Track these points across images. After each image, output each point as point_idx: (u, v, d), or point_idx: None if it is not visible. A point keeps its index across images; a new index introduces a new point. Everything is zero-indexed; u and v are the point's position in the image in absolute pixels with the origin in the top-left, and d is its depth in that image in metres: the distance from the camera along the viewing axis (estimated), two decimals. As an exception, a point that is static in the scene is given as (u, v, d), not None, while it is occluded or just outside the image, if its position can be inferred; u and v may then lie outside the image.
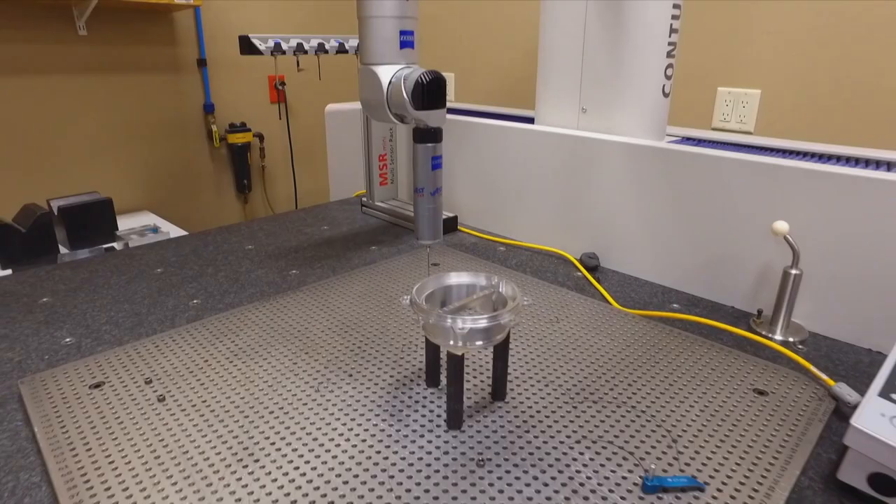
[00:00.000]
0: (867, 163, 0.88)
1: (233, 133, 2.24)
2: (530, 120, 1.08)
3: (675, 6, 0.91)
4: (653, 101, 0.95)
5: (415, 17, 0.47)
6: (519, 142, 1.04)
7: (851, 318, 0.71)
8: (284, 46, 0.95)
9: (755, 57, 1.42)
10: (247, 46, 0.95)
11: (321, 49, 0.94)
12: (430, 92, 0.46)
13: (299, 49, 0.95)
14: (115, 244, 1.67)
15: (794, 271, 0.71)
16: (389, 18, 0.46)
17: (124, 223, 1.83)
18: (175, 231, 1.82)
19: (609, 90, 0.95)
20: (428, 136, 0.48)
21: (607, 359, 0.64)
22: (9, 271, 1.49)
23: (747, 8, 1.40)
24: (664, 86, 0.95)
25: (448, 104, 1.22)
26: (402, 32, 0.47)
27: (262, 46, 0.93)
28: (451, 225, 1.14)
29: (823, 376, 0.61)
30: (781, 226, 0.70)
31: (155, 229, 1.73)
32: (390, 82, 0.48)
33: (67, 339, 0.71)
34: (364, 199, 1.26)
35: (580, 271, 0.93)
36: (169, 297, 0.83)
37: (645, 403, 0.56)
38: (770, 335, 0.73)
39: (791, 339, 0.72)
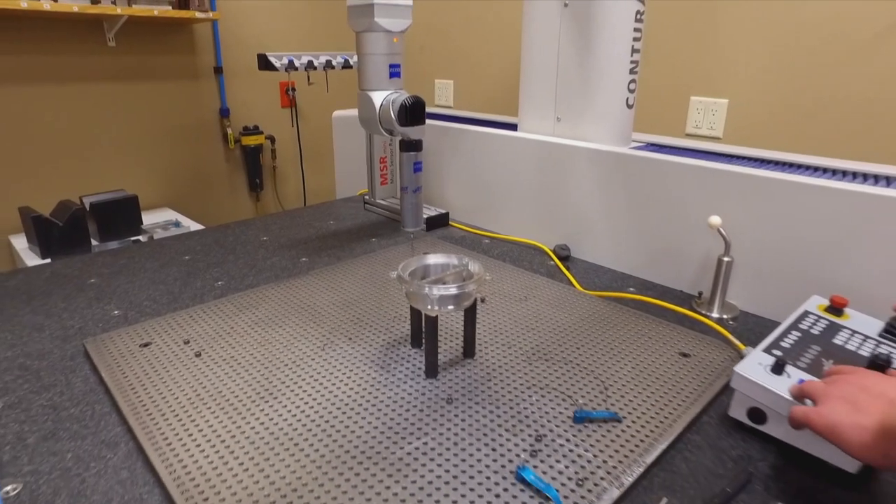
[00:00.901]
0: (801, 167, 1.00)
1: (246, 135, 2.37)
2: (515, 126, 1.20)
3: (636, 30, 1.02)
4: (617, 112, 1.07)
5: (401, 53, 0.59)
6: (503, 147, 1.16)
7: (772, 299, 0.83)
8: (297, 63, 1.07)
9: (723, 69, 1.54)
10: (264, 63, 1.08)
11: (329, 65, 1.07)
12: (412, 112, 0.59)
13: (309, 65, 1.07)
14: (140, 237, 1.80)
15: (726, 259, 0.83)
16: (382, 55, 0.58)
17: (148, 218, 1.96)
18: (194, 226, 1.96)
19: (579, 102, 1.07)
20: (411, 146, 0.61)
21: (563, 329, 0.76)
22: (48, 260, 1.63)
23: (716, 23, 1.52)
24: (627, 98, 1.07)
25: (444, 111, 1.35)
26: (391, 66, 0.59)
27: (277, 63, 1.06)
28: (442, 220, 1.26)
29: (737, 342, 0.73)
30: (715, 220, 0.82)
31: (177, 223, 1.86)
32: (381, 105, 0.61)
33: (115, 312, 0.84)
34: (366, 196, 1.39)
35: (553, 260, 1.06)
36: (197, 279, 0.96)
37: (588, 362, 0.68)
38: (708, 313, 0.85)
39: (725, 317, 0.84)
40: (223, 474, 0.49)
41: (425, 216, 1.22)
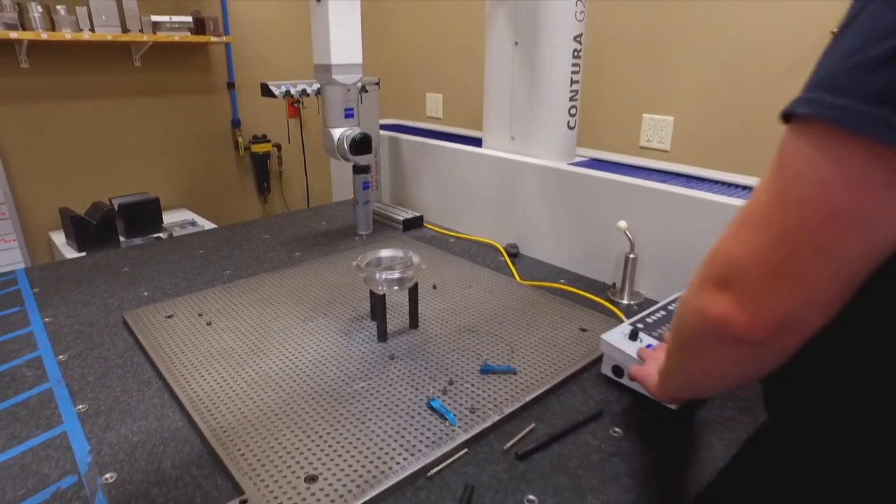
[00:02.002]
0: (704, 181, 1.17)
1: (255, 144, 2.58)
2: (481, 141, 1.39)
3: (574, 65, 1.20)
4: (560, 132, 1.25)
5: (354, 99, 0.78)
6: (468, 161, 1.35)
7: (670, 288, 1.01)
8: (293, 91, 1.27)
9: (670, 90, 1.72)
10: (265, 91, 1.27)
11: (319, 92, 1.26)
12: (360, 145, 0.78)
13: (303, 93, 1.27)
14: (161, 234, 2.01)
15: (631, 255, 1.02)
16: (339, 102, 0.77)
17: (168, 217, 2.17)
18: (208, 225, 2.16)
19: (529, 124, 1.26)
20: (361, 170, 0.80)
21: (493, 310, 0.95)
22: (83, 254, 1.84)
23: (665, 50, 1.70)
24: (569, 121, 1.25)
25: (428, 125, 1.56)
26: (346, 109, 0.78)
27: (276, 91, 1.26)
28: (417, 222, 1.46)
29: (627, 321, 0.91)
30: (621, 224, 1.00)
31: (193, 223, 2.07)
32: (338, 138, 0.80)
33: (145, 293, 1.04)
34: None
35: (503, 256, 1.25)
36: (209, 268, 1.16)
37: (504, 333, 0.87)
38: (619, 300, 1.04)
39: (632, 303, 1.03)
40: (225, 402, 0.69)
41: (402, 219, 1.42)
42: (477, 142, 1.42)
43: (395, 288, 0.80)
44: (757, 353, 0.37)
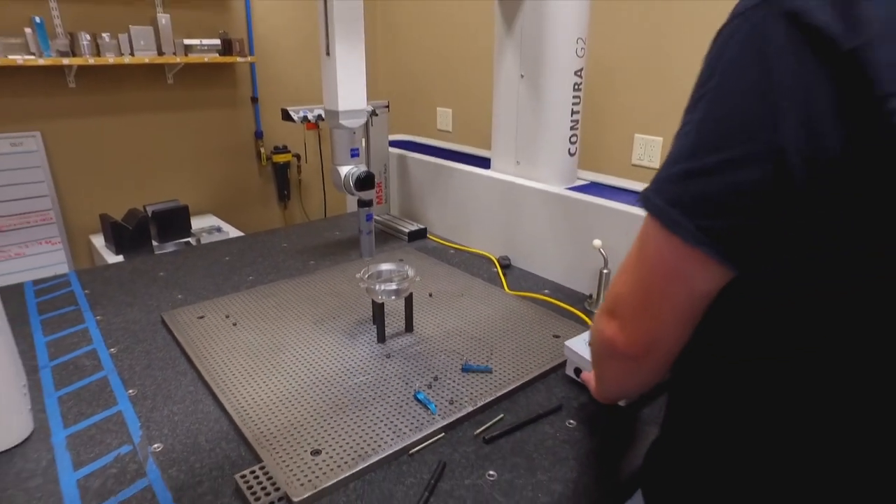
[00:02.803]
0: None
1: (277, 154, 2.73)
2: (489, 160, 1.50)
3: (575, 97, 1.30)
4: (561, 158, 1.34)
5: (360, 139, 0.91)
6: (475, 181, 1.46)
7: (636, 300, 1.12)
8: (310, 116, 1.41)
9: (658, 112, 1.82)
10: (285, 115, 1.42)
11: (334, 118, 1.40)
12: (363, 182, 0.91)
13: (319, 118, 1.41)
14: (190, 239, 2.18)
15: (605, 270, 1.13)
16: (345, 143, 0.90)
17: (195, 223, 2.33)
18: (232, 231, 2.32)
19: (533, 150, 1.36)
20: (364, 203, 0.94)
21: (480, 317, 1.08)
22: (120, 257, 2.01)
23: (654, 76, 1.80)
24: (569, 149, 1.35)
25: (436, 143, 1.70)
26: (352, 149, 0.91)
27: (295, 116, 1.40)
28: (422, 234, 1.59)
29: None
30: (596, 242, 1.12)
31: (219, 229, 2.23)
32: (345, 175, 0.93)
33: (179, 296, 1.19)
34: (365, 213, 1.72)
35: (496, 268, 1.37)
36: (234, 274, 1.31)
37: (487, 337, 1.00)
38: (593, 311, 1.15)
39: (605, 313, 1.15)
40: (248, 389, 0.83)
41: (408, 230, 1.56)
42: (483, 161, 1.54)
43: (393, 297, 0.94)
44: (638, 365, 0.49)
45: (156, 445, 0.73)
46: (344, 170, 0.92)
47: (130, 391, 0.84)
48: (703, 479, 0.52)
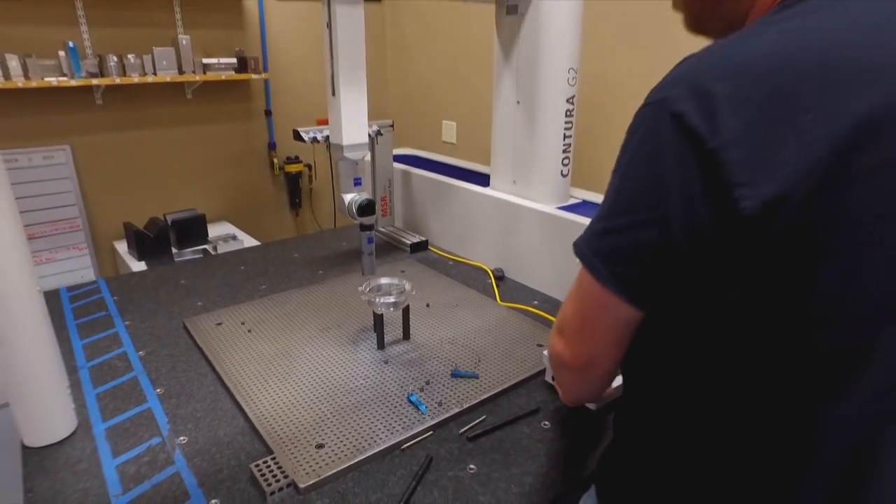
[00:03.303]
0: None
1: (289, 164, 2.86)
2: (488, 176, 1.59)
3: (567, 122, 1.40)
4: (555, 179, 1.43)
5: (360, 169, 1.02)
6: (474, 199, 1.56)
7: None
8: (319, 137, 1.52)
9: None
10: (296, 136, 1.53)
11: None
12: (364, 209, 1.01)
13: (327, 139, 1.52)
14: (206, 246, 2.30)
15: (588, 285, 1.23)
16: (350, 174, 1.01)
17: (212, 230, 2.46)
18: (246, 238, 2.44)
19: (528, 170, 1.45)
20: (366, 227, 1.04)
21: (472, 326, 1.18)
22: (142, 263, 2.14)
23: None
24: (562, 170, 1.44)
25: (441, 158, 1.79)
26: (356, 179, 1.02)
27: (305, 137, 1.51)
28: (423, 246, 1.69)
29: (575, 339, 1.13)
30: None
31: (234, 237, 2.35)
32: (349, 202, 1.03)
33: (199, 303, 1.30)
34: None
35: (491, 279, 1.47)
36: (249, 283, 1.42)
37: (476, 345, 1.10)
38: (579, 321, 1.25)
39: (589, 323, 1.24)
40: (262, 390, 0.94)
41: (410, 242, 1.66)
42: (483, 178, 1.64)
43: (391, 309, 1.04)
44: (583, 376, 0.59)
45: (181, 438, 0.84)
46: (348, 197, 1.02)
47: (158, 390, 0.95)
48: (641, 478, 0.62)
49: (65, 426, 0.83)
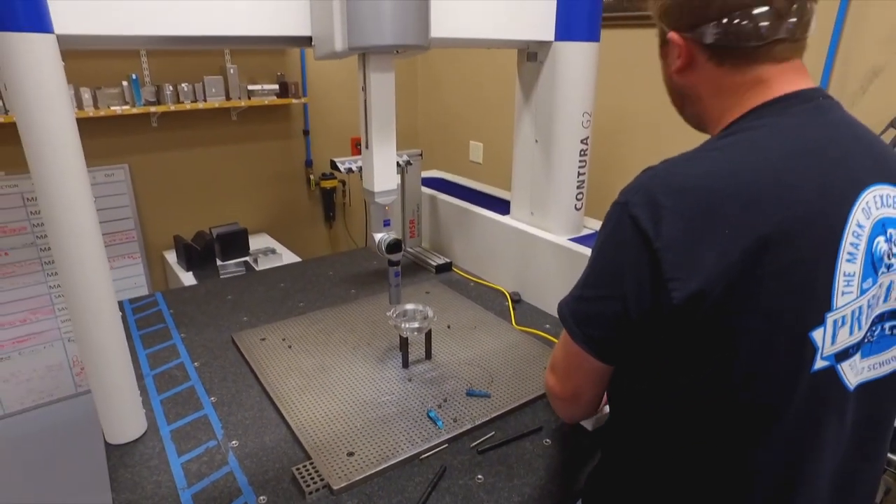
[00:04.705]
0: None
1: (324, 180, 3.02)
2: (509, 202, 1.70)
3: (581, 161, 1.50)
4: (569, 212, 1.52)
5: (390, 212, 1.16)
6: (494, 226, 1.67)
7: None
8: (353, 167, 1.67)
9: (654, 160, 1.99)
10: (332, 165, 1.68)
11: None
12: (392, 247, 1.14)
13: (361, 168, 1.66)
14: (248, 258, 2.48)
15: (596, 312, 1.33)
16: (380, 217, 1.15)
17: (253, 242, 2.63)
18: (283, 251, 2.61)
19: (544, 203, 1.55)
20: (393, 263, 1.18)
21: (488, 348, 1.30)
22: (190, 273, 2.33)
23: (659, 129, 1.98)
24: (576, 204, 1.54)
25: (467, 182, 1.92)
26: (385, 220, 1.16)
27: (341, 167, 1.66)
28: (447, 267, 1.81)
29: (581, 363, 1.23)
30: (589, 289, 1.32)
31: (273, 250, 2.53)
32: (378, 241, 1.17)
33: (244, 318, 1.45)
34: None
35: (508, 301, 1.58)
36: (288, 300, 1.57)
37: (490, 366, 1.21)
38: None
39: (597, 348, 1.34)
40: (301, 401, 1.07)
41: (435, 264, 1.79)
42: (504, 205, 1.74)
43: (415, 333, 1.17)
44: (571, 404, 0.71)
45: (233, 442, 0.98)
46: (378, 236, 1.16)
47: (212, 398, 1.10)
48: (621, 496, 0.73)
49: (138, 427, 0.98)
